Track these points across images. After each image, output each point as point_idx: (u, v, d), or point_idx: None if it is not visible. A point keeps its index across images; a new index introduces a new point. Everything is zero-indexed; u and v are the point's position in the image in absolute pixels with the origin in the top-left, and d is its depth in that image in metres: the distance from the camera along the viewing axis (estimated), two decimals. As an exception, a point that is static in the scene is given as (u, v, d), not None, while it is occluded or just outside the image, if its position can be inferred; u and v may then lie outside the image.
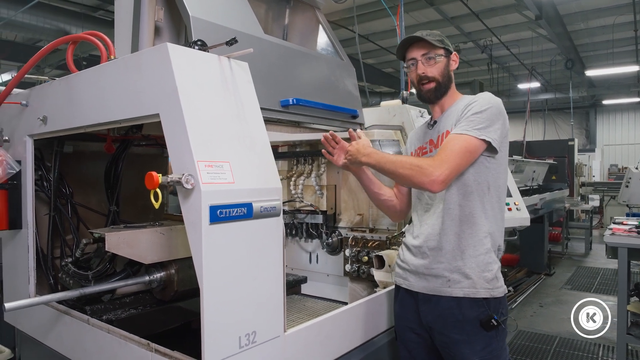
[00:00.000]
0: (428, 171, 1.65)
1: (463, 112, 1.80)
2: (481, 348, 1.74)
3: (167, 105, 1.38)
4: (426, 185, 1.67)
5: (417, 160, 1.73)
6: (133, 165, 2.54)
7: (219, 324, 1.33)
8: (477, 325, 1.74)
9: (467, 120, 1.75)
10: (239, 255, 1.39)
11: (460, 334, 1.74)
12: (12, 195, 2.09)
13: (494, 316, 1.73)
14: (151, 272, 1.93)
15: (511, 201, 3.25)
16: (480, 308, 1.74)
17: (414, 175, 1.67)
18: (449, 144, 1.73)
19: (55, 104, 1.90)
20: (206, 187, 1.28)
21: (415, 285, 1.86)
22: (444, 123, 1.91)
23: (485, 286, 1.75)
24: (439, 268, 1.78)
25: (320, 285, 2.95)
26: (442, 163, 1.66)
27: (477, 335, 1.74)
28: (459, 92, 1.99)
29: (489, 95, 1.84)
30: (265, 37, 2.14)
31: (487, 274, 1.76)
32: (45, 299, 1.69)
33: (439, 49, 1.88)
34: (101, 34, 1.82)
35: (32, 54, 2.00)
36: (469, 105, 1.80)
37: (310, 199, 2.90)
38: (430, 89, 1.91)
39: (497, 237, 1.84)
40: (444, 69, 1.91)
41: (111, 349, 1.66)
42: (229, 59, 1.56)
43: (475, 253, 1.77)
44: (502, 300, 1.80)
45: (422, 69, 1.90)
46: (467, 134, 1.72)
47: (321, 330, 1.75)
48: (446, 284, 1.77)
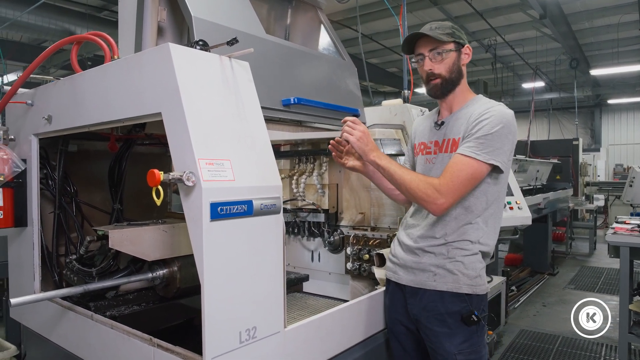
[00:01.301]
0: (434, 196, 1.71)
1: (474, 126, 1.77)
2: (461, 341, 1.80)
3: (168, 104, 1.40)
4: (428, 208, 1.76)
5: (424, 182, 1.75)
6: (137, 164, 2.57)
7: (219, 319, 1.35)
8: (458, 319, 1.80)
9: (476, 141, 1.74)
10: (240, 251, 1.41)
11: (442, 326, 1.81)
12: (17, 194, 2.12)
13: (474, 312, 1.79)
14: (154, 269, 1.95)
15: (513, 200, 3.27)
16: (462, 303, 1.80)
17: (421, 197, 1.74)
18: (456, 168, 1.73)
19: (60, 104, 1.93)
20: (207, 185, 1.31)
21: (404, 278, 1.93)
22: (451, 127, 1.89)
23: (468, 283, 1.81)
24: (426, 263, 1.85)
25: (322, 284, 2.97)
26: (448, 191, 1.71)
27: (458, 329, 1.80)
28: (470, 91, 1.95)
29: (501, 111, 1.78)
30: (267, 37, 2.16)
31: (471, 272, 1.81)
32: (49, 294, 1.71)
33: (447, 43, 1.84)
34: (105, 35, 1.84)
35: (37, 54, 2.03)
36: (480, 120, 1.76)
37: (312, 197, 2.92)
38: (436, 84, 1.88)
39: (488, 245, 1.87)
40: (453, 64, 1.86)
41: (115, 344, 1.69)
42: (230, 58, 1.58)
43: (462, 254, 1.82)
44: (483, 298, 1.86)
45: (429, 65, 1.87)
46: (475, 158, 1.72)
47: (321, 326, 1.77)
48: (432, 278, 1.83)
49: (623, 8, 8.98)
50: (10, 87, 2.02)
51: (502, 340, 4.64)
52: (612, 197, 11.83)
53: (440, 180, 1.74)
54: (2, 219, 2.09)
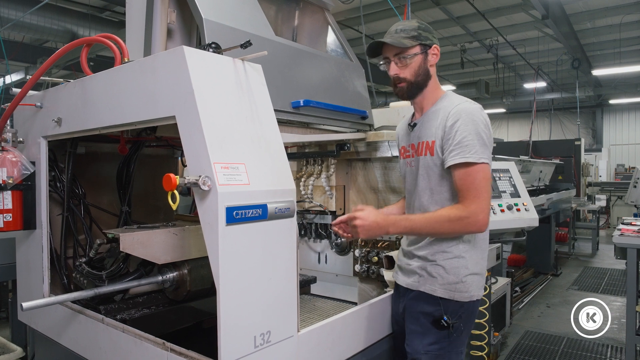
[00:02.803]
0: (472, 220, 1.70)
1: (448, 134, 1.75)
2: (430, 342, 1.83)
3: (183, 107, 1.39)
4: (474, 230, 1.75)
5: (452, 213, 1.71)
6: (143, 166, 2.56)
7: (235, 323, 1.34)
8: (429, 320, 1.83)
9: (461, 147, 1.72)
10: (254, 255, 1.40)
11: (416, 325, 1.87)
12: (26, 196, 2.12)
13: (444, 317, 1.80)
14: (164, 272, 1.94)
15: (519, 202, 3.25)
16: (435, 306, 1.83)
17: (460, 230, 1.75)
18: (470, 180, 1.72)
19: (70, 106, 1.93)
20: (222, 189, 1.30)
21: (400, 279, 1.99)
22: (424, 129, 1.88)
23: (446, 287, 1.82)
24: (414, 266, 1.90)
25: (329, 285, 2.96)
26: (479, 205, 1.70)
27: (429, 330, 1.83)
28: (439, 88, 1.93)
29: (468, 110, 1.76)
30: (276, 39, 2.15)
31: (452, 277, 1.82)
32: (61, 298, 1.71)
33: (411, 47, 1.82)
34: (115, 37, 1.84)
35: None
36: (453, 126, 1.74)
37: (319, 199, 2.91)
38: (402, 88, 1.88)
39: (475, 260, 1.85)
40: (418, 68, 1.85)
41: (126, 348, 1.68)
42: (243, 61, 1.57)
43: (444, 257, 1.83)
44: (466, 305, 1.84)
45: (394, 69, 1.86)
46: (475, 162, 1.71)
47: (333, 330, 1.76)
48: (417, 279, 1.88)
49: (625, 8, 8.96)
50: (19, 90, 2.01)
51: (507, 341, 4.63)
52: (614, 198, 11.81)
53: (460, 200, 1.74)
54: (11, 222, 2.09)
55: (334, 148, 2.60)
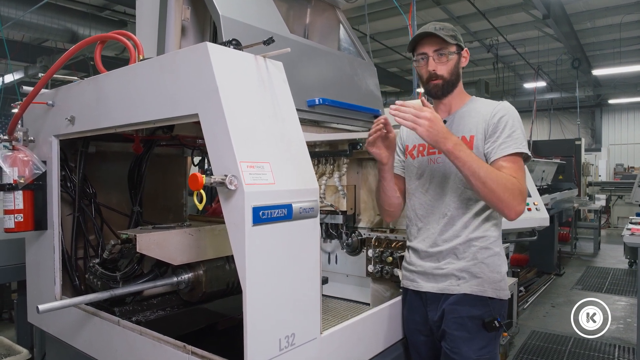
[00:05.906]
0: (516, 201, 1.66)
1: (495, 127, 1.78)
2: (480, 347, 1.75)
3: (206, 105, 1.36)
4: (507, 212, 1.69)
5: (512, 183, 1.67)
6: (153, 166, 2.52)
7: (261, 326, 1.31)
8: (479, 324, 1.76)
9: (512, 139, 1.76)
10: (279, 256, 1.37)
11: (461, 330, 1.76)
12: (37, 196, 2.08)
13: (497, 317, 1.75)
14: (179, 273, 1.91)
15: (530, 201, 3.24)
16: (485, 307, 1.76)
17: (505, 201, 1.64)
18: (517, 168, 1.73)
19: (83, 104, 1.89)
20: (249, 188, 1.27)
21: (424, 285, 1.87)
22: (457, 126, 1.88)
23: (493, 286, 1.77)
24: (448, 268, 1.80)
25: (340, 286, 2.93)
26: (521, 195, 1.69)
27: (477, 334, 1.76)
28: (465, 92, 1.97)
29: (511, 107, 1.84)
30: (291, 36, 2.12)
31: (496, 275, 1.78)
32: (77, 300, 1.67)
33: (451, 45, 1.84)
34: (130, 34, 1.80)
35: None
36: (500, 120, 1.78)
37: (330, 199, 2.88)
38: (437, 85, 1.88)
39: (503, 257, 1.87)
40: (454, 67, 1.88)
41: (144, 351, 1.65)
42: (265, 58, 1.54)
43: (486, 255, 1.79)
44: (505, 303, 1.83)
45: (432, 65, 1.86)
46: (521, 151, 1.75)
47: (354, 331, 1.74)
48: (455, 282, 1.79)
49: (625, 8, 8.97)
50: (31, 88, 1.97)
51: (514, 341, 4.61)
52: (614, 197, 11.83)
53: (515, 184, 1.70)
54: (22, 222, 2.05)
55: (345, 147, 2.58)
